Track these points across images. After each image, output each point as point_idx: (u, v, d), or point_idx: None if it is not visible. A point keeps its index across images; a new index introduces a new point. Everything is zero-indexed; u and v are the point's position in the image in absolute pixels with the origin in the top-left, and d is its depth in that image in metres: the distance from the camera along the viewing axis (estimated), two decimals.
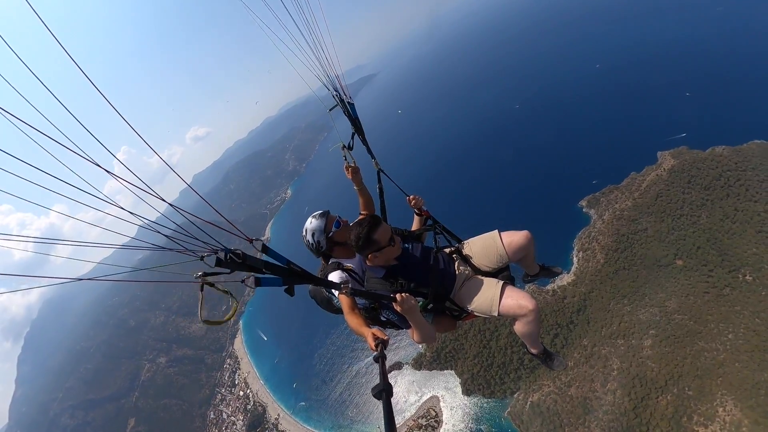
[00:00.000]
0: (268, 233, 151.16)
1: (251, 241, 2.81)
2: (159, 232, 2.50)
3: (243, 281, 2.59)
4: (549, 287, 62.69)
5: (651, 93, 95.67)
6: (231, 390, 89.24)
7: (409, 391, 64.43)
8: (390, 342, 3.28)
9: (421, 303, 3.94)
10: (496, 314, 4.05)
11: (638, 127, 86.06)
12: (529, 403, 54.35)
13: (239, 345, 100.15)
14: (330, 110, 5.11)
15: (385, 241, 3.86)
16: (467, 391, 60.09)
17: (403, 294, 3.48)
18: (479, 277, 4.43)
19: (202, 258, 2.44)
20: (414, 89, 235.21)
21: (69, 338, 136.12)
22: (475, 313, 4.26)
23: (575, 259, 65.87)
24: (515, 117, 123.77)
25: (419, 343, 4.21)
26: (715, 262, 54.68)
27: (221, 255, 2.41)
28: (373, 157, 5.14)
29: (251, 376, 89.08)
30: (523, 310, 3.95)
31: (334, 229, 4.28)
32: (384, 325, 4.27)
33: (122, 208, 2.39)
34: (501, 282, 4.17)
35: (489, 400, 58.45)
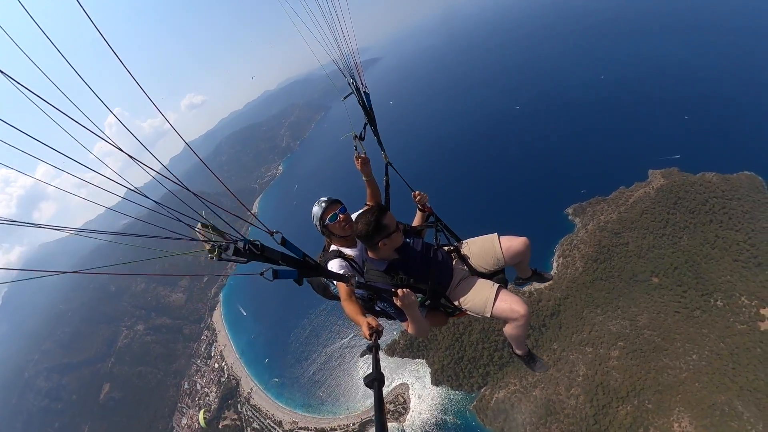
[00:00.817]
0: (255, 208, 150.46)
1: (272, 233, 2.78)
2: (164, 214, 2.41)
3: (261, 274, 2.57)
4: (526, 289, 63.43)
5: (650, 110, 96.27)
6: (206, 362, 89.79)
7: None
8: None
9: (419, 299, 4.06)
10: (488, 315, 4.15)
11: (634, 142, 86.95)
12: (494, 399, 55.76)
13: (218, 317, 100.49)
14: (344, 98, 5.07)
15: (393, 226, 3.94)
16: (436, 382, 61.45)
17: (404, 290, 3.57)
18: (475, 277, 4.52)
19: (219, 247, 2.37)
20: (416, 79, 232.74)
21: (48, 300, 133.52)
22: (468, 312, 4.36)
23: (555, 264, 67.08)
24: (515, 117, 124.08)
25: (414, 335, 4.29)
26: (690, 284, 56.09)
27: (240, 245, 2.39)
28: (383, 149, 5.12)
29: (227, 350, 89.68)
30: (514, 314, 4.06)
31: (328, 221, 4.39)
32: (378, 314, 4.34)
33: (115, 178, 2.37)
34: (496, 285, 4.28)
35: (456, 392, 59.83)
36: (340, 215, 4.41)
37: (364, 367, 69.56)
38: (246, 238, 2.45)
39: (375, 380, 2.39)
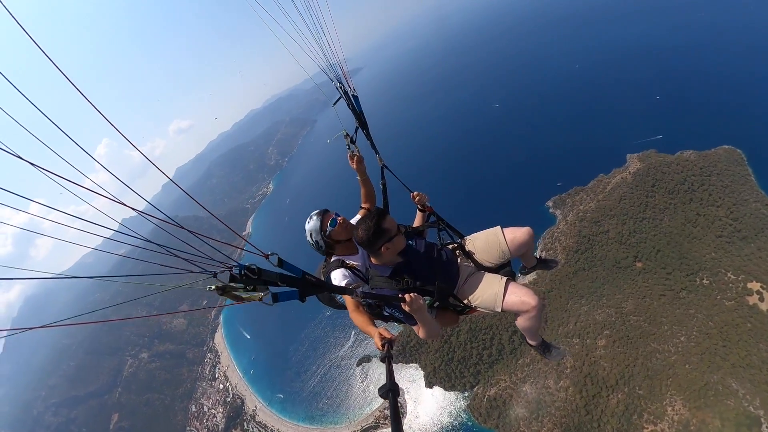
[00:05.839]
0: (249, 228, 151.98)
1: (267, 256, 2.73)
2: (158, 245, 2.49)
3: (261, 299, 2.52)
4: None
5: (625, 95, 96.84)
6: (211, 383, 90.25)
7: (377, 384, 66.03)
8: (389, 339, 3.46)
9: (428, 301, 3.94)
10: (499, 310, 4.08)
11: (612, 128, 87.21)
12: (486, 396, 56.05)
13: (219, 339, 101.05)
14: (334, 103, 4.96)
15: (394, 229, 3.82)
16: (429, 384, 61.83)
17: (411, 294, 3.47)
18: (482, 272, 4.44)
19: (215, 275, 2.37)
20: (398, 85, 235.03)
21: (51, 335, 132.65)
22: (479, 309, 4.30)
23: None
24: (495, 115, 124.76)
25: (425, 339, 4.24)
26: (674, 265, 55.97)
27: (235, 271, 2.38)
28: (377, 152, 5.01)
29: (230, 370, 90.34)
30: (526, 306, 3.99)
31: (329, 228, 4.23)
32: (386, 319, 4.25)
33: (117, 200, 2.37)
34: (504, 278, 4.19)
35: (450, 393, 60.18)
36: (339, 218, 4.28)
37: (361, 375, 70.12)
38: (241, 263, 2.41)
39: (390, 391, 2.36)
